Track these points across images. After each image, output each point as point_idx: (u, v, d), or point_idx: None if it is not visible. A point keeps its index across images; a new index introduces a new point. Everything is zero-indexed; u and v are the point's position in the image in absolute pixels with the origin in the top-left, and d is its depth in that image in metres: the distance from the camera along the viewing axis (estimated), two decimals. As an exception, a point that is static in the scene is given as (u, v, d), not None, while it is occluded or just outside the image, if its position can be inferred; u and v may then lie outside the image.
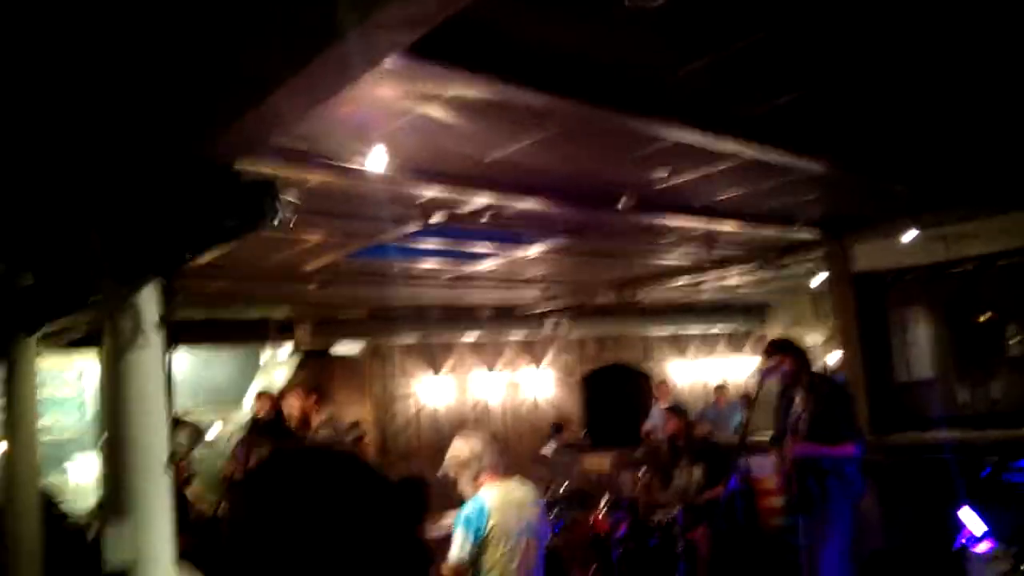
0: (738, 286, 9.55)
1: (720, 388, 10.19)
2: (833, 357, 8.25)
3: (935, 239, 5.76)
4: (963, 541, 3.39)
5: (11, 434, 5.44)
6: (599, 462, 6.49)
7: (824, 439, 4.16)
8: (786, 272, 8.30)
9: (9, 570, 5.21)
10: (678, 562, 4.51)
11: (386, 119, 3.28)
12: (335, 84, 2.26)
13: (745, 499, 5.48)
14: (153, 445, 3.31)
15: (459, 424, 9.68)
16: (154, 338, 3.38)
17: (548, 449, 7.32)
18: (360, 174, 3.67)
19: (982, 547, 3.31)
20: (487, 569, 3.08)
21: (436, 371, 9.67)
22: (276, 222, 2.96)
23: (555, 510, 5.45)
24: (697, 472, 5.28)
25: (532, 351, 10.57)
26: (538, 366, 10.62)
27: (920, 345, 6.11)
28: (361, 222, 4.86)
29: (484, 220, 5.00)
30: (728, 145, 3.86)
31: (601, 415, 10.72)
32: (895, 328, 6.16)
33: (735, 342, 12.44)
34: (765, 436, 4.77)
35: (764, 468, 5.34)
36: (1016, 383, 5.80)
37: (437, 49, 2.63)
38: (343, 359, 9.75)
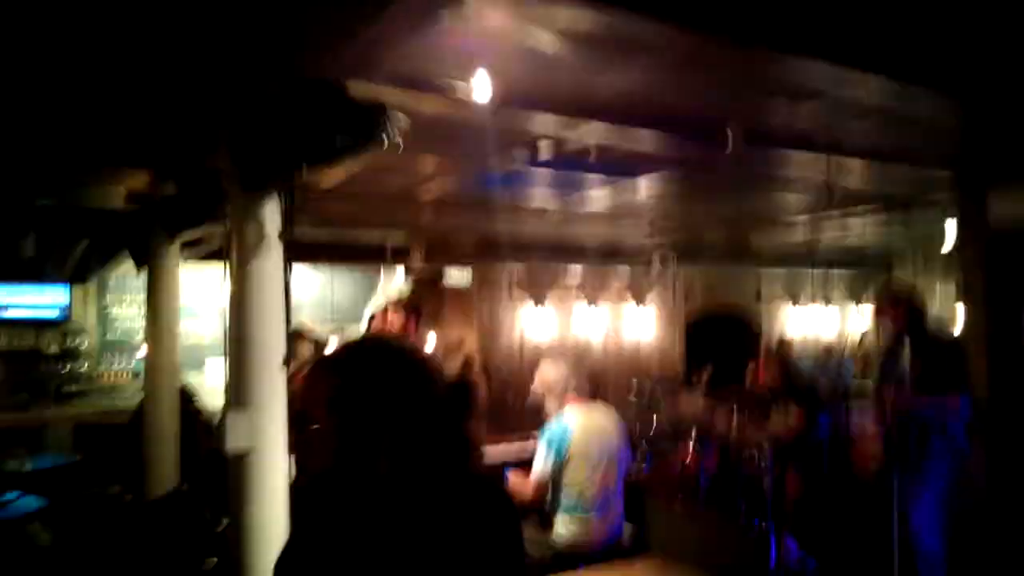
0: (862, 234, 9.09)
1: (834, 338, 9.89)
2: (960, 314, 7.78)
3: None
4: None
5: (154, 336, 6.06)
6: (696, 402, 6.50)
7: (930, 395, 4.01)
8: (915, 220, 7.83)
9: (151, 454, 5.88)
10: (765, 500, 4.52)
11: (494, 48, 3.32)
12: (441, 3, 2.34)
13: (841, 448, 5.38)
14: (271, 346, 3.62)
15: (562, 355, 9.88)
16: (275, 249, 3.67)
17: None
18: (470, 104, 3.75)
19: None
20: (567, 485, 3.24)
21: (540, 304, 9.85)
22: (387, 143, 3.13)
23: (646, 445, 5.55)
24: (793, 415, 5.22)
25: (638, 288, 10.54)
26: (643, 303, 10.60)
27: (1056, 306, 5.65)
28: (472, 152, 4.97)
29: (592, 156, 5.01)
30: (849, 75, 3.67)
31: (704, 359, 10.62)
32: (1028, 286, 5.70)
33: (855, 293, 11.90)
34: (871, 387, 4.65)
35: (867, 419, 5.19)
36: None
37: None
38: (454, 286, 10.09)
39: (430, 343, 9.99)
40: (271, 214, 3.68)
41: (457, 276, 9.79)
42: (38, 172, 5.07)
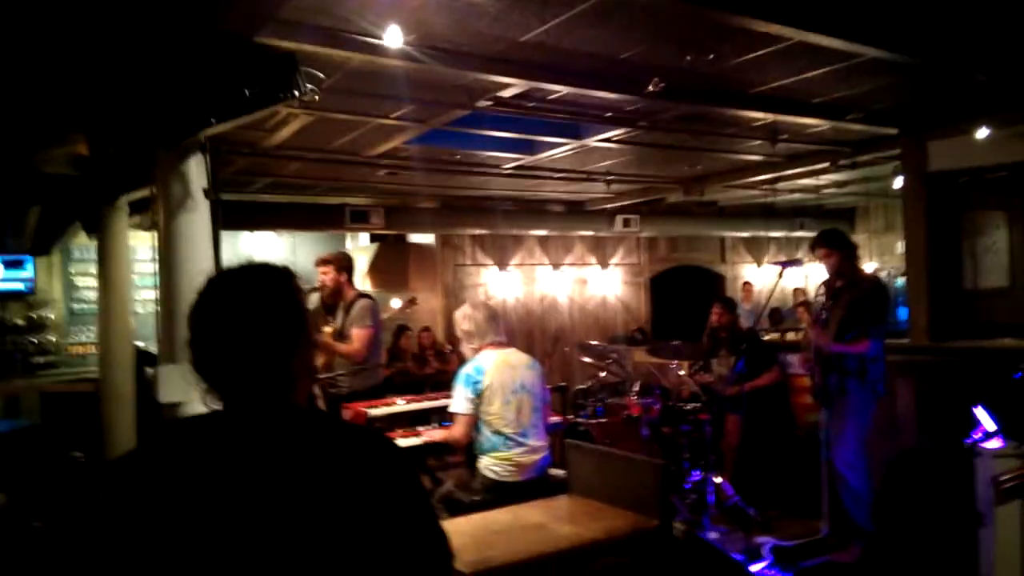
0: (820, 187, 9.17)
1: (799, 290, 10.06)
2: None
3: (1018, 137, 5.36)
4: (975, 438, 3.36)
5: (107, 301, 6.07)
6: (647, 356, 6.63)
7: (850, 337, 4.12)
8: (871, 172, 7.91)
9: (109, 419, 5.94)
10: (707, 447, 4.66)
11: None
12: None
13: (780, 392, 5.52)
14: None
15: (526, 315, 9.98)
16: (202, 206, 3.70)
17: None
18: (393, 54, 3.75)
19: (992, 443, 3.28)
20: (485, 423, 3.38)
21: (505, 263, 9.90)
22: (298, 95, 3.14)
23: (595, 397, 5.67)
24: (733, 363, 5.34)
25: (602, 248, 10.61)
26: (607, 264, 10.68)
27: (995, 251, 5.78)
28: (409, 106, 4.97)
29: (530, 105, 5.03)
30: (769, 27, 3.71)
31: (669, 315, 10.76)
32: (968, 232, 5.83)
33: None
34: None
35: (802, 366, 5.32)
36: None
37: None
38: (419, 246, 10.13)
39: (395, 303, 10.06)
40: (196, 171, 3.70)
41: (422, 234, 9.83)
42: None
